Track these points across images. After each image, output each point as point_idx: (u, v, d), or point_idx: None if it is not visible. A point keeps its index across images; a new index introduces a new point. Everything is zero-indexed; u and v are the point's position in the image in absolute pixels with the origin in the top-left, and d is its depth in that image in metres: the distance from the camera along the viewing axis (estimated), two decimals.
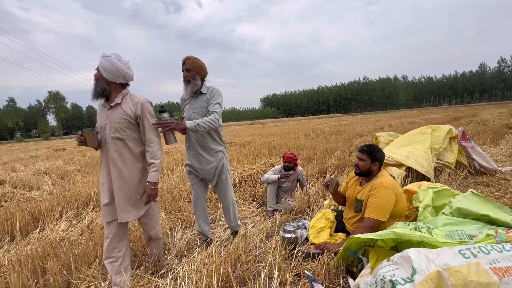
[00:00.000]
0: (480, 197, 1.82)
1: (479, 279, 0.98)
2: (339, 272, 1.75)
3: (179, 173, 5.31)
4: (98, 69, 1.70)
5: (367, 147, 2.12)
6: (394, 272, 1.16)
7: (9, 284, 1.79)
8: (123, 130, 1.72)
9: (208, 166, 2.25)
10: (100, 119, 1.79)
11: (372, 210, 1.92)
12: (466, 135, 4.05)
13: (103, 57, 1.66)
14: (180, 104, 2.40)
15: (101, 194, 1.82)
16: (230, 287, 1.74)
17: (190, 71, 2.15)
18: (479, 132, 7.70)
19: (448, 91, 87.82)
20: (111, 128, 1.71)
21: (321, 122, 24.83)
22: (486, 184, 3.45)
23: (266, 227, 2.66)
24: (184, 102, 2.32)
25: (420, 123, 12.64)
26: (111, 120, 1.71)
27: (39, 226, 3.07)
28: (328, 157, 5.62)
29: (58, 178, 6.09)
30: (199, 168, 2.27)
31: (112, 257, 1.79)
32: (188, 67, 2.14)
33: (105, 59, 1.65)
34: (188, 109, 2.24)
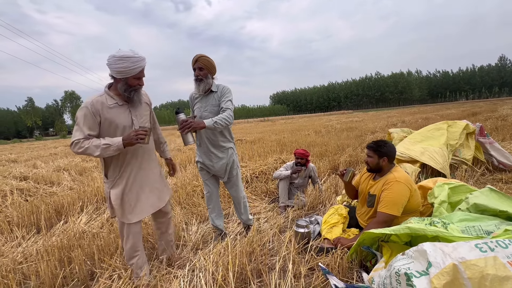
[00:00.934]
0: (498, 193, 1.79)
1: (497, 273, 0.98)
2: (353, 266, 1.77)
3: (191, 170, 5.42)
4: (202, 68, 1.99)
5: (373, 143, 2.14)
6: (409, 265, 1.18)
7: (39, 272, 1.92)
8: (150, 120, 1.91)
9: (219, 163, 2.31)
10: (124, 118, 1.73)
11: (386, 205, 1.92)
12: (484, 131, 3.93)
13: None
14: (189, 102, 2.42)
15: (132, 195, 1.78)
16: (246, 279, 1.80)
17: (203, 70, 2.17)
18: (498, 127, 7.43)
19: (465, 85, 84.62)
20: (139, 123, 1.80)
21: (332, 118, 24.52)
22: (505, 181, 3.35)
23: (279, 222, 2.70)
24: (194, 101, 2.34)
25: (435, 119, 12.28)
26: (137, 116, 1.79)
27: (62, 219, 3.23)
28: (340, 154, 5.58)
29: (76, 175, 6.35)
30: (210, 165, 2.33)
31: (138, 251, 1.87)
32: (201, 65, 2.16)
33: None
34: (199, 107, 2.27)
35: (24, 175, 5.68)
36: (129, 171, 1.76)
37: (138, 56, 1.65)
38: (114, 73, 1.65)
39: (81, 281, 1.98)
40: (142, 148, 1.83)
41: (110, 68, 1.66)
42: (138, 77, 1.70)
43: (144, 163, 1.86)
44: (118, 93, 1.72)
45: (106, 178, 1.77)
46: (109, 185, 1.75)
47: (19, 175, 5.65)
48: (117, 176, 1.74)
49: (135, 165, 1.79)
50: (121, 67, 1.61)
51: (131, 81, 1.67)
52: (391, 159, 2.11)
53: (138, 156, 1.80)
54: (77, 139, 1.58)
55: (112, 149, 1.60)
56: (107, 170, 1.76)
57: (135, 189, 1.79)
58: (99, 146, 1.57)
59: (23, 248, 2.47)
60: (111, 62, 1.63)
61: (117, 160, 1.73)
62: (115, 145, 1.60)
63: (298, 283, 1.65)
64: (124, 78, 1.65)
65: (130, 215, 1.77)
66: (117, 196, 1.72)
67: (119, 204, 1.72)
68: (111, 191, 1.74)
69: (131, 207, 1.77)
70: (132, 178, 1.78)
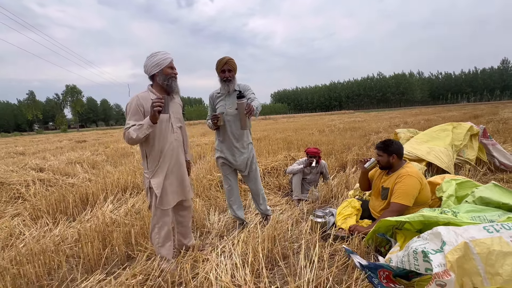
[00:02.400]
0: (501, 188, 1.99)
1: (501, 249, 1.18)
2: (369, 251, 1.97)
3: (202, 165, 5.62)
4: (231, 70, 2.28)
5: (381, 143, 2.36)
6: (425, 245, 1.37)
7: (85, 251, 2.12)
8: (182, 119, 2.08)
9: (241, 157, 2.49)
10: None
11: (398, 196, 2.12)
12: (487, 133, 4.13)
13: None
14: (210, 101, 2.55)
15: (167, 181, 1.95)
16: (272, 261, 2.00)
17: (231, 72, 2.35)
18: (500, 130, 7.62)
19: (466, 88, 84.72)
20: (175, 119, 2.00)
21: (334, 118, 24.70)
22: (506, 181, 3.55)
23: (295, 214, 2.90)
24: (217, 100, 2.49)
25: (437, 121, 12.47)
26: (173, 112, 1.99)
27: (87, 208, 3.42)
28: (347, 153, 5.78)
29: (89, 167, 6.54)
30: (233, 160, 2.50)
31: (170, 239, 2.05)
32: (230, 67, 2.33)
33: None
34: (223, 105, 2.43)
35: (40, 167, 5.88)
36: (168, 162, 1.95)
37: (164, 51, 1.95)
38: (152, 69, 1.89)
39: (121, 261, 2.18)
40: (177, 141, 2.02)
41: (147, 69, 1.91)
42: (170, 66, 1.93)
43: (179, 157, 2.05)
44: (159, 89, 1.95)
45: (147, 169, 1.94)
46: (149, 175, 1.92)
47: (35, 166, 5.85)
48: (157, 166, 1.92)
49: (173, 158, 1.98)
50: (155, 60, 1.88)
51: (166, 71, 1.91)
52: (400, 156, 2.32)
53: (174, 149, 1.99)
54: (124, 129, 1.82)
55: (144, 127, 1.78)
56: (149, 161, 1.93)
57: (171, 179, 1.98)
58: (135, 129, 1.78)
59: (59, 232, 2.67)
60: (146, 62, 1.90)
61: (157, 152, 1.91)
62: (146, 123, 1.78)
63: (320, 265, 1.85)
64: (160, 70, 1.89)
65: (166, 202, 1.95)
66: (159, 185, 1.91)
67: (160, 192, 1.90)
68: (151, 180, 1.91)
69: (167, 194, 1.96)
70: (170, 169, 1.97)
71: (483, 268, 1.19)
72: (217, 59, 2.36)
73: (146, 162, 1.94)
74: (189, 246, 2.26)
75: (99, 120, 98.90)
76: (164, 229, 1.99)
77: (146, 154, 1.93)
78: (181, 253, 2.16)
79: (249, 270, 1.76)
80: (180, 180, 2.05)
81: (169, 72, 1.92)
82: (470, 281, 1.20)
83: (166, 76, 1.91)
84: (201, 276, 1.79)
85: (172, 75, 1.94)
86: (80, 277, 1.94)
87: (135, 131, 1.76)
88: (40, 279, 1.93)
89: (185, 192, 2.10)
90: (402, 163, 2.34)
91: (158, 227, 1.98)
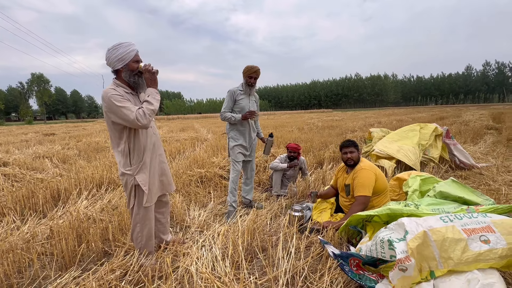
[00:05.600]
0: (458, 183, 2.21)
1: (454, 236, 1.34)
2: (342, 242, 2.11)
3: (182, 160, 5.55)
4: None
5: (350, 141, 2.56)
6: (391, 234, 1.51)
7: (58, 248, 2.05)
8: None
9: (254, 143, 3.12)
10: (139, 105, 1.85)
11: (359, 189, 2.33)
12: (450, 134, 4.51)
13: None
14: (231, 95, 2.95)
15: (153, 178, 1.92)
16: (251, 253, 2.07)
17: (256, 79, 2.91)
18: (461, 131, 8.31)
19: (435, 91, 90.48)
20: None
21: (313, 116, 25.32)
22: (464, 177, 3.91)
23: (273, 208, 3.00)
24: (240, 96, 2.95)
25: (408, 121, 13.27)
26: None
27: (59, 204, 3.27)
28: (324, 150, 6.00)
29: (59, 162, 6.19)
30: (248, 146, 3.04)
31: (153, 236, 2.02)
32: (257, 76, 2.90)
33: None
34: (247, 102, 2.98)
35: (3, 161, 5.47)
36: (150, 156, 1.90)
37: (128, 42, 1.79)
38: (115, 63, 1.75)
39: (97, 257, 2.13)
40: (155, 135, 1.99)
41: (110, 63, 1.77)
42: (136, 60, 1.79)
43: (159, 150, 2.03)
44: (127, 84, 1.82)
45: (130, 166, 1.81)
46: (133, 171, 1.81)
47: None
48: (141, 162, 1.83)
49: (153, 152, 1.93)
50: (118, 54, 1.73)
51: (131, 66, 1.77)
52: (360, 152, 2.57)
53: (154, 142, 1.94)
54: (136, 111, 1.66)
55: (155, 94, 1.79)
56: (132, 157, 1.81)
57: (153, 174, 1.93)
58: (149, 102, 1.72)
59: (28, 230, 2.54)
60: (108, 55, 1.75)
61: (140, 147, 1.82)
62: (153, 91, 1.78)
63: (297, 256, 1.95)
64: (125, 65, 1.75)
65: (150, 198, 1.89)
66: (146, 181, 1.84)
67: (147, 188, 1.84)
68: (136, 177, 1.81)
69: (151, 190, 1.90)
70: (152, 163, 1.92)
71: (438, 253, 1.34)
72: (247, 66, 2.88)
73: (129, 159, 1.82)
74: (169, 241, 2.27)
75: (69, 112, 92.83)
76: (147, 227, 1.94)
77: (129, 150, 1.81)
78: (161, 247, 2.17)
79: (229, 262, 1.81)
80: (160, 174, 2.03)
81: (135, 68, 1.79)
82: (427, 265, 1.35)
83: (132, 72, 1.78)
84: (182, 269, 1.82)
85: (138, 70, 1.81)
86: (53, 275, 1.88)
87: (154, 101, 1.75)
88: (9, 277, 1.84)
89: (166, 186, 2.08)
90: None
91: (141, 225, 1.91)
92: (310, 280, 1.70)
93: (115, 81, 1.82)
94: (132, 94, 1.84)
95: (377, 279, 1.55)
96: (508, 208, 1.73)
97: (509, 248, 1.32)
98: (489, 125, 9.82)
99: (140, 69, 1.83)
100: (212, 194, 3.53)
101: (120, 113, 1.65)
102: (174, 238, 2.32)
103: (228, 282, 1.61)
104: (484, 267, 1.30)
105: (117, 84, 1.80)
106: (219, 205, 3.28)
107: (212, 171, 4.25)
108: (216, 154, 5.75)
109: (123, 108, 1.65)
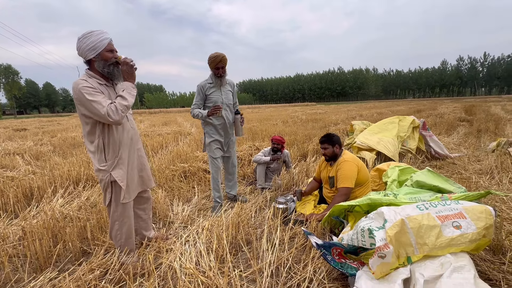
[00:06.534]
0: (434, 173, 2.32)
1: (429, 223, 1.40)
2: (325, 232, 2.16)
3: (165, 155, 5.43)
4: None
5: (325, 137, 2.60)
6: (371, 223, 1.56)
7: (31, 250, 1.94)
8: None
9: (232, 139, 2.96)
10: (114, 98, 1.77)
11: (342, 181, 2.38)
12: (426, 126, 4.70)
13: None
14: (200, 90, 2.75)
15: (132, 174, 1.85)
16: (236, 246, 2.07)
17: (224, 68, 2.66)
18: (437, 123, 8.72)
19: (413, 85, 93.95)
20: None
21: (297, 110, 25.55)
22: (439, 167, 4.12)
23: (258, 201, 3.01)
24: (210, 90, 2.75)
25: (388, 114, 13.72)
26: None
27: (33, 203, 3.10)
28: (308, 143, 6.08)
29: (32, 159, 5.85)
30: (225, 142, 2.90)
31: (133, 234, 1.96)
32: (224, 65, 2.63)
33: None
34: (219, 95, 2.78)
35: None
36: (127, 150, 1.82)
37: (99, 30, 1.69)
38: (87, 53, 1.65)
39: (75, 257, 2.05)
40: (133, 129, 1.91)
41: (81, 52, 1.67)
42: (110, 49, 1.70)
43: (137, 144, 1.95)
44: (101, 75, 1.72)
45: (105, 161, 1.74)
46: (109, 167, 1.73)
47: None
48: (117, 157, 1.75)
49: (130, 146, 1.86)
50: (90, 43, 1.63)
51: (105, 55, 1.67)
52: (340, 145, 2.59)
53: (131, 136, 1.86)
54: (108, 106, 1.57)
55: (131, 89, 1.71)
56: (107, 152, 1.73)
57: (131, 169, 1.86)
58: (123, 97, 1.64)
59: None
60: (79, 45, 1.65)
61: (115, 142, 1.74)
62: (129, 86, 1.70)
63: (281, 247, 1.98)
64: (98, 54, 1.66)
65: (127, 194, 1.82)
66: (123, 177, 1.76)
67: (125, 184, 1.77)
68: (112, 173, 1.73)
69: (129, 186, 1.83)
70: (130, 157, 1.85)
71: (415, 240, 1.40)
72: (211, 55, 2.62)
73: (104, 155, 1.73)
74: (151, 238, 2.21)
75: (42, 106, 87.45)
76: (126, 225, 1.87)
77: (104, 145, 1.73)
78: (143, 244, 2.11)
79: (213, 256, 1.80)
80: (140, 170, 1.96)
81: (109, 57, 1.69)
82: (405, 251, 1.41)
83: (105, 62, 1.68)
84: (165, 266, 1.79)
85: (113, 60, 1.71)
86: (27, 277, 1.79)
87: (128, 96, 1.67)
88: None
89: (146, 181, 2.02)
90: (341, 151, 2.58)
91: (119, 223, 1.84)
92: (294, 271, 1.73)
93: (88, 72, 1.72)
94: (106, 85, 1.74)
95: (358, 266, 1.60)
96: (478, 195, 1.84)
97: (478, 232, 1.40)
98: (461, 117, 10.37)
99: (118, 60, 1.73)
100: (196, 189, 3.48)
101: (91, 107, 1.56)
102: (157, 235, 2.27)
103: (212, 276, 1.60)
104: (456, 251, 1.38)
105: (90, 75, 1.70)
106: (203, 199, 3.25)
107: (196, 165, 4.19)
108: (199, 148, 5.67)
109: (94, 102, 1.55)
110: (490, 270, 1.64)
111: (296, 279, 1.65)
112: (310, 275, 1.64)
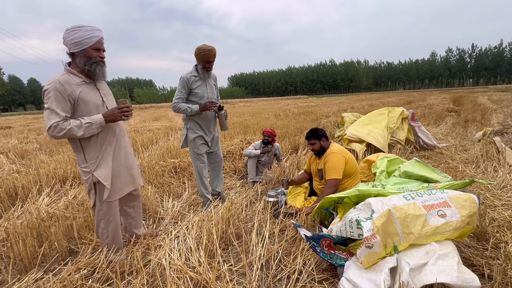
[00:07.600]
0: (421, 163, 2.35)
1: (414, 212, 1.42)
2: (315, 224, 2.17)
3: (155, 151, 5.35)
4: None
5: (309, 133, 2.61)
6: (359, 214, 1.57)
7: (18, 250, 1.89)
8: (114, 102, 1.87)
9: (215, 136, 2.87)
10: (94, 96, 1.70)
11: (330, 172, 2.40)
12: (415, 117, 4.76)
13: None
14: (185, 82, 2.61)
15: (117, 172, 1.80)
16: (227, 241, 2.06)
17: (213, 62, 2.57)
18: (426, 114, 8.86)
19: (403, 76, 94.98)
20: (109, 102, 1.81)
21: (289, 103, 25.53)
22: (427, 157, 4.19)
23: (249, 195, 3.00)
24: (195, 83, 2.62)
25: (378, 106, 13.84)
26: (105, 95, 1.80)
27: (17, 203, 3.01)
28: (299, 136, 6.08)
29: (17, 158, 5.68)
30: (208, 138, 2.79)
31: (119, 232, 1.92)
32: (214, 59, 2.54)
33: None
34: (205, 89, 2.67)
35: None
36: (111, 149, 1.76)
37: (92, 26, 1.62)
38: (71, 46, 1.58)
39: (62, 257, 2.00)
40: (118, 126, 1.84)
41: (66, 44, 1.60)
42: (97, 48, 1.63)
43: (123, 141, 1.88)
44: (80, 70, 1.66)
45: (86, 162, 1.68)
46: (91, 168, 1.68)
47: None
48: (99, 157, 1.70)
49: (116, 144, 1.80)
50: (76, 37, 1.57)
51: (89, 53, 1.61)
52: (327, 138, 2.60)
53: (116, 134, 1.81)
54: (55, 122, 1.51)
55: (94, 127, 1.60)
56: (87, 153, 1.68)
57: (117, 167, 1.81)
58: (81, 126, 1.56)
59: None
60: (65, 36, 1.59)
61: (96, 141, 1.69)
62: (97, 123, 1.61)
63: (271, 240, 1.98)
64: (82, 50, 1.59)
65: (113, 193, 1.78)
66: (107, 176, 1.71)
67: (109, 183, 1.72)
68: (95, 173, 1.68)
69: (113, 185, 1.78)
70: (115, 156, 1.79)
71: (401, 229, 1.42)
72: (200, 47, 2.48)
73: (83, 155, 1.68)
74: (140, 235, 2.18)
75: (27, 103, 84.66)
76: (112, 224, 1.83)
77: (82, 145, 1.67)
78: (132, 242, 2.08)
79: (203, 252, 1.79)
80: (128, 168, 1.90)
81: (94, 56, 1.62)
82: (391, 240, 1.43)
83: (88, 59, 1.61)
84: (154, 263, 1.77)
85: (98, 59, 1.64)
86: (11, 279, 1.74)
87: (82, 129, 1.57)
88: None
89: (135, 180, 1.97)
90: (329, 143, 2.59)
91: (105, 222, 1.80)
92: (284, 263, 1.74)
93: (67, 68, 1.64)
94: (86, 82, 1.67)
95: (346, 257, 1.62)
96: (463, 184, 1.87)
97: (462, 220, 1.43)
98: (449, 108, 10.57)
99: (118, 103, 1.73)
100: (186, 184, 3.44)
101: (44, 112, 1.57)
102: (146, 232, 2.25)
103: (202, 271, 1.59)
104: (440, 239, 1.40)
105: (70, 72, 1.62)
106: (194, 195, 3.22)
107: (187, 160, 4.14)
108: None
109: (47, 110, 1.54)
110: (474, 256, 1.69)
111: (286, 271, 1.66)
112: (300, 267, 1.65)
